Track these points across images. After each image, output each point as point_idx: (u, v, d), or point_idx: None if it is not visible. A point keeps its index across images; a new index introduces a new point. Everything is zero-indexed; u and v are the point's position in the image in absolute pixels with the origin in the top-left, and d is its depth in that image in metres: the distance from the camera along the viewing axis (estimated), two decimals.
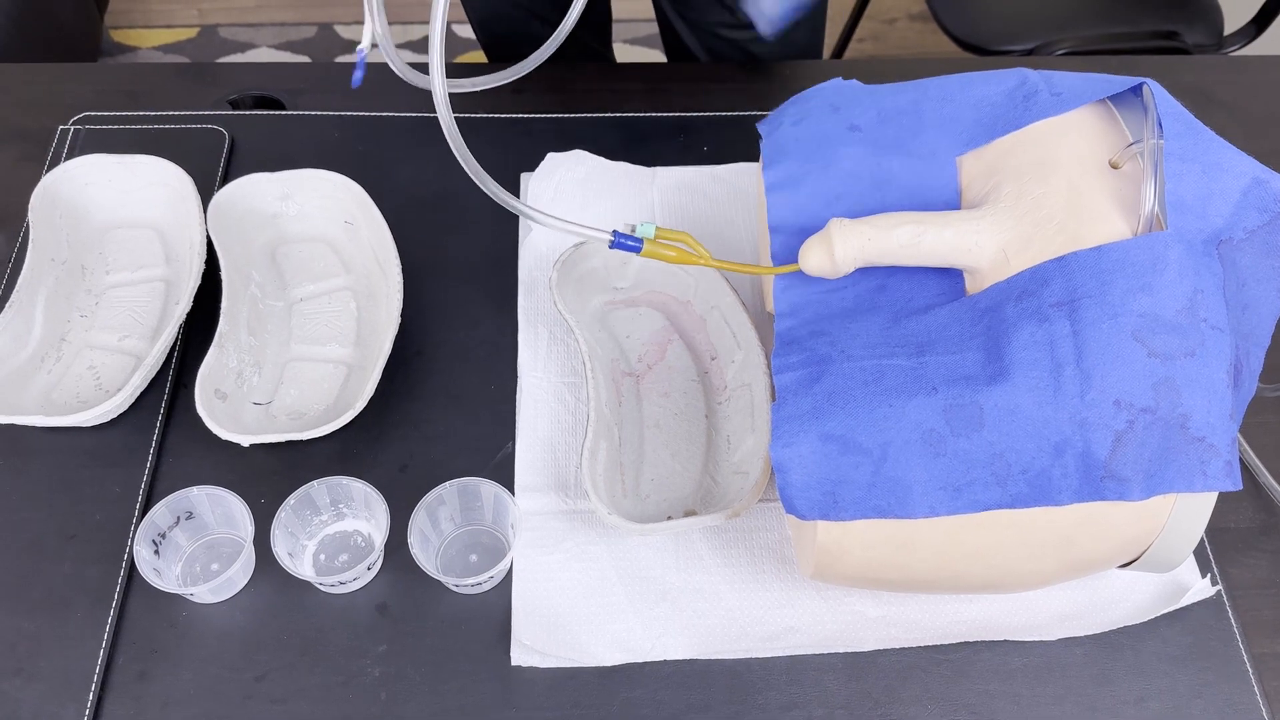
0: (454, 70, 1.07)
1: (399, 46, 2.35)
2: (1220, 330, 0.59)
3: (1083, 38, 1.47)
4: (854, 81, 0.75)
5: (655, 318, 0.84)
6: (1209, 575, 0.73)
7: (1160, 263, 0.59)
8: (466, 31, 2.12)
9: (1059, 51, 1.45)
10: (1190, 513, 0.61)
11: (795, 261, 0.67)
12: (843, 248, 0.64)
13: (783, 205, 0.69)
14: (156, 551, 0.70)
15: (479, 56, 1.29)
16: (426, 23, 2.11)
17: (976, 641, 0.70)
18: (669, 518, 0.73)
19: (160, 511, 0.70)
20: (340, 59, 2.08)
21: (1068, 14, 1.51)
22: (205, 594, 0.70)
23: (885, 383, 0.61)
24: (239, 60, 2.07)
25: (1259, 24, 1.48)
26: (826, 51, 2.07)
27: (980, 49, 1.50)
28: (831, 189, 0.68)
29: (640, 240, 0.68)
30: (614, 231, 0.67)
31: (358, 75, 0.73)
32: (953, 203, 0.68)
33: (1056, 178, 0.64)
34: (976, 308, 0.62)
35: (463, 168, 0.67)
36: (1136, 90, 0.67)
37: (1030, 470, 0.59)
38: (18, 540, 0.73)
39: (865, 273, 0.67)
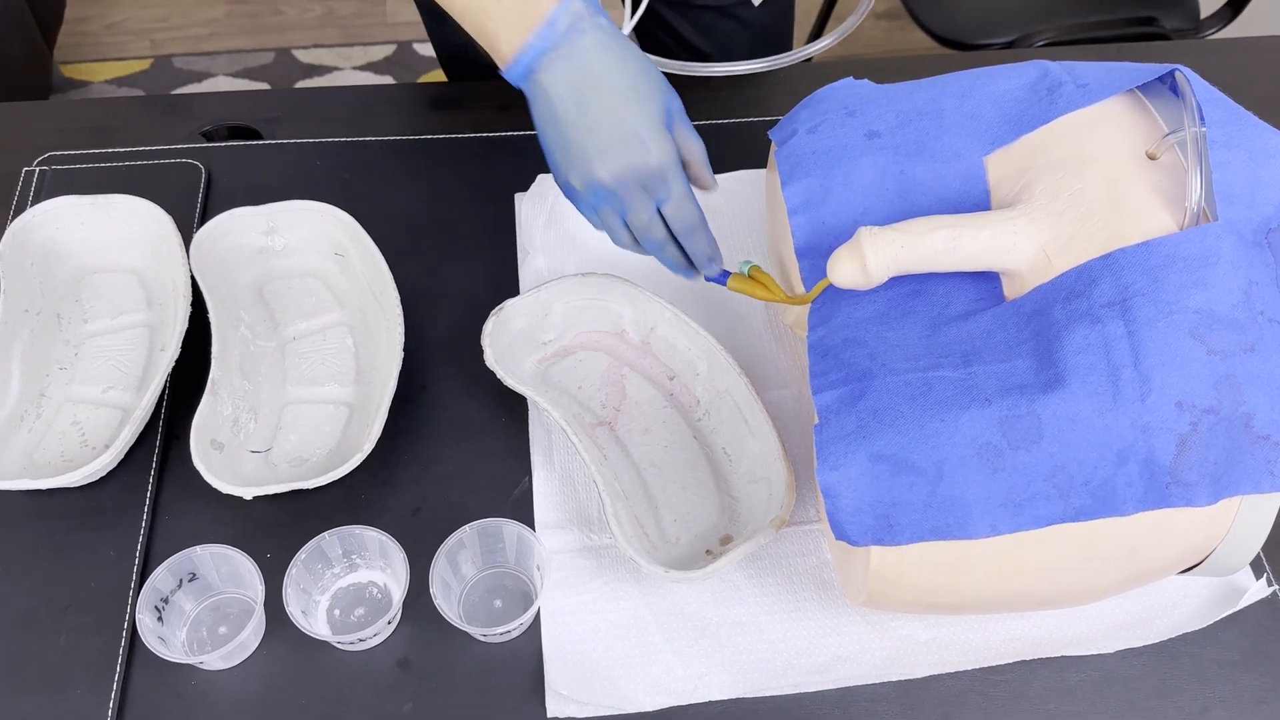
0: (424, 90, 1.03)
1: (360, 68, 2.28)
2: (1278, 323, 0.57)
3: (1061, 27, 1.45)
4: (866, 81, 0.72)
5: (598, 359, 0.79)
6: (1264, 576, 0.70)
7: (1212, 256, 0.56)
8: (427, 50, 2.08)
9: (1039, 43, 1.43)
10: (1255, 514, 0.59)
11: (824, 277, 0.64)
12: (875, 257, 0.61)
13: (807, 226, 0.66)
14: (160, 618, 0.66)
15: (440, 75, 1.26)
16: (386, 43, 2.08)
17: (1032, 659, 0.67)
18: (708, 552, 0.69)
19: (161, 575, 0.66)
20: (303, 84, 2.03)
21: (1045, 4, 1.50)
22: (215, 661, 0.65)
23: (934, 396, 0.58)
24: (196, 91, 2.02)
25: (1234, 7, 1.47)
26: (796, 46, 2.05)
27: (958, 44, 1.48)
28: (856, 203, 0.65)
29: (726, 273, 0.71)
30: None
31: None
32: (982, 205, 0.65)
33: (1092, 172, 0.61)
34: (1021, 312, 0.59)
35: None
36: (1165, 78, 0.65)
37: (1093, 481, 0.56)
38: (8, 614, 0.68)
39: (898, 278, 0.64)
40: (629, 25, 0.80)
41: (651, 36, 1.14)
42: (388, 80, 2.05)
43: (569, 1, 0.61)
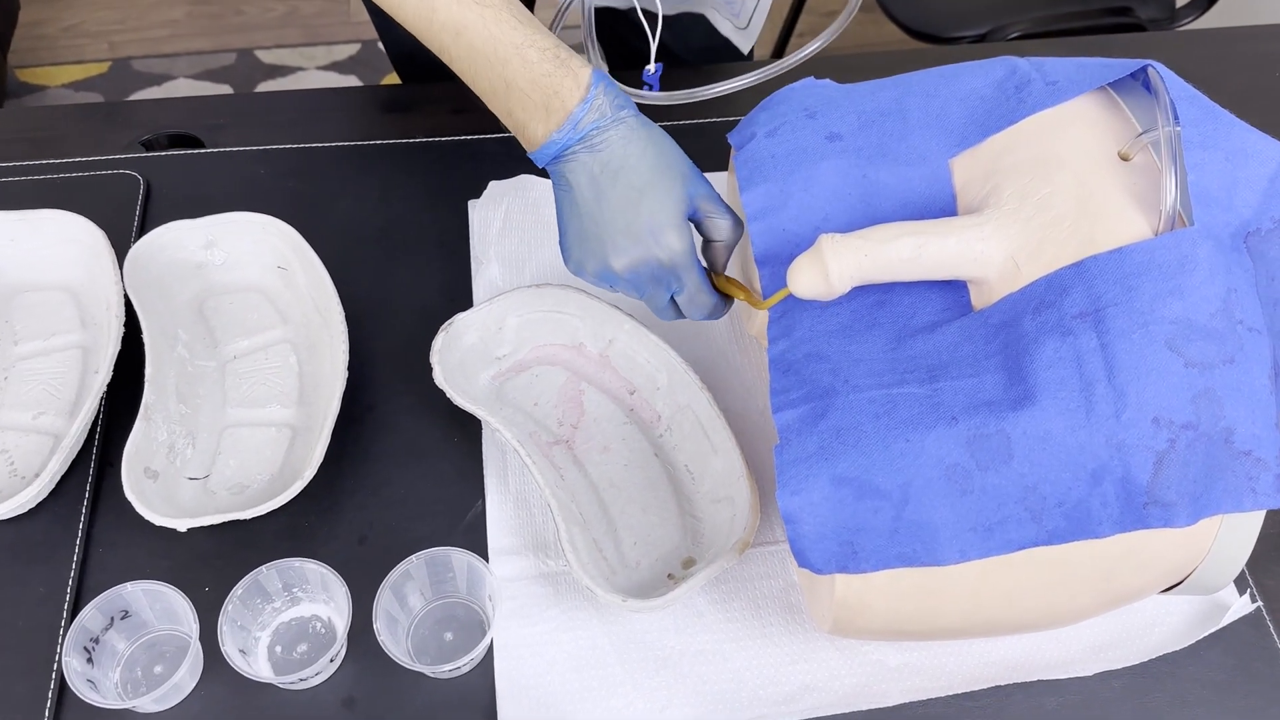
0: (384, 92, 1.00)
1: (324, 68, 2.23)
2: (1258, 331, 0.54)
3: (1036, 19, 1.43)
4: (827, 81, 0.69)
5: (554, 373, 0.76)
6: (1248, 592, 0.68)
7: (1189, 262, 0.54)
8: None
9: (1013, 35, 1.41)
10: (1237, 533, 0.56)
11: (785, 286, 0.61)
12: (837, 266, 0.58)
13: (766, 233, 0.63)
14: (90, 659, 0.62)
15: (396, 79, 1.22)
16: (350, 42, 2.04)
17: (1007, 684, 0.65)
18: (670, 576, 0.66)
19: (90, 614, 0.62)
20: (266, 85, 1.99)
21: None
22: (149, 704, 0.61)
23: (898, 414, 0.55)
24: (156, 94, 1.97)
25: None
26: (767, 49, 2.01)
27: (931, 37, 1.45)
28: (817, 209, 0.62)
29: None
30: None
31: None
32: (949, 210, 0.62)
33: (1062, 175, 0.58)
34: (989, 323, 0.56)
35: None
36: (1138, 74, 0.62)
37: (1066, 502, 0.53)
38: None
39: (861, 288, 0.61)
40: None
41: (622, 43, 1.10)
42: (352, 79, 2.00)
43: (592, 98, 0.61)
